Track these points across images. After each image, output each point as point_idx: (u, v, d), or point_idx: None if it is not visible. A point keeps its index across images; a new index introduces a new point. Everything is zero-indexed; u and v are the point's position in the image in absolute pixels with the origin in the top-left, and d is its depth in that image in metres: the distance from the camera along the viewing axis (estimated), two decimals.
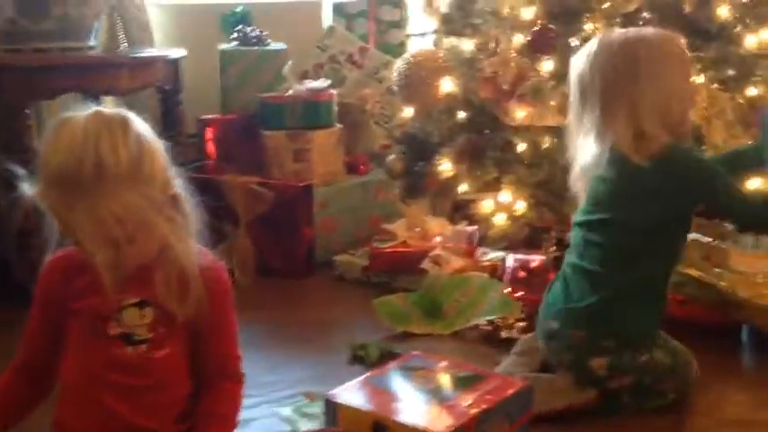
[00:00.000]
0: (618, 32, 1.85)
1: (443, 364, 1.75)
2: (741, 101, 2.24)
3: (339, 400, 1.62)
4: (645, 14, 2.29)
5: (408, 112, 2.74)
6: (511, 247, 2.57)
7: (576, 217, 1.85)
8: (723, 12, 2.25)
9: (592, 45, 1.80)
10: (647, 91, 1.73)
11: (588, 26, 2.21)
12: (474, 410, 1.54)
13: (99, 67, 2.58)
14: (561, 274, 1.86)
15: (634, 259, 1.75)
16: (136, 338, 1.31)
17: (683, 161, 1.76)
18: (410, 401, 1.60)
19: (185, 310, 1.31)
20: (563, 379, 1.79)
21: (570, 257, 1.85)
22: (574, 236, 1.85)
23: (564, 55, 2.18)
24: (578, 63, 1.81)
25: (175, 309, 1.31)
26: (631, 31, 1.86)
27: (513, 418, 1.60)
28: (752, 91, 2.27)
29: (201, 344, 1.37)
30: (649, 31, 1.87)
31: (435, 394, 1.62)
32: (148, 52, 2.78)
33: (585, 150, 1.80)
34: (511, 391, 1.61)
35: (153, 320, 1.32)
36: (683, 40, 1.83)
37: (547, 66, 2.25)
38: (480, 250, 2.64)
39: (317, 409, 1.74)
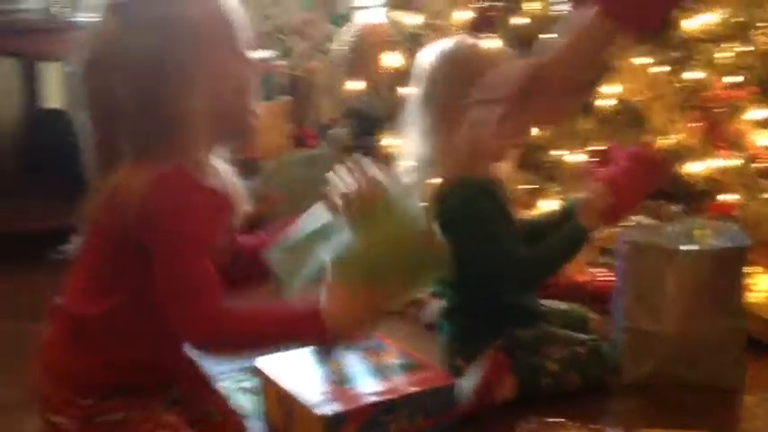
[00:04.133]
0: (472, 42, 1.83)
1: (392, 349, 1.74)
2: (679, 84, 2.25)
3: (263, 369, 1.66)
4: None
5: (353, 85, 2.72)
6: None
7: None
8: None
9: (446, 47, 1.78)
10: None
11: (528, 6, 2.20)
12: (373, 398, 1.53)
13: (32, 32, 2.50)
14: None
15: None
16: None
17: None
18: (323, 380, 1.60)
19: None
20: None
21: None
22: None
23: (505, 34, 2.18)
24: (431, 60, 1.78)
25: None
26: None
27: (428, 413, 1.58)
28: (692, 74, 2.28)
29: None
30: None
31: (356, 377, 1.62)
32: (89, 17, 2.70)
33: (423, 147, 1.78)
34: (426, 387, 1.58)
35: None
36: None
37: (489, 43, 2.23)
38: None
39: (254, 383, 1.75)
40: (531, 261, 1.76)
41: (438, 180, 1.79)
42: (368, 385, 1.58)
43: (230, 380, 1.83)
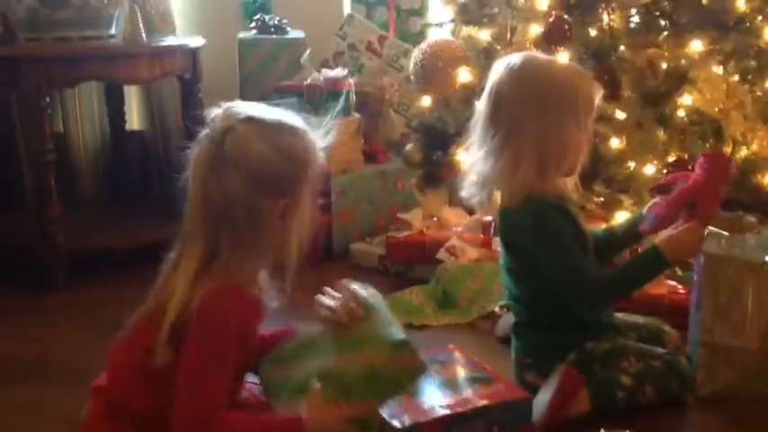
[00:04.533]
0: (541, 59, 1.81)
1: (464, 361, 1.76)
2: (760, 93, 2.21)
3: None
4: (664, 4, 2.27)
5: (426, 101, 2.74)
6: None
7: None
8: (741, 3, 2.21)
9: (516, 63, 1.76)
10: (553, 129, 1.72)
11: (604, 17, 2.19)
12: (446, 412, 1.54)
13: (119, 57, 2.60)
14: None
15: None
16: None
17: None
18: None
19: None
20: None
21: None
22: None
23: (579, 46, 2.17)
24: (501, 75, 1.77)
25: None
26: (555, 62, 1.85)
27: (505, 427, 1.58)
28: None
29: None
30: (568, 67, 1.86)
31: (431, 389, 1.62)
32: (168, 41, 2.79)
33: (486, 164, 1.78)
34: (501, 399, 1.59)
35: None
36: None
37: (562, 57, 2.23)
38: (497, 240, 2.64)
39: None
40: (604, 284, 1.75)
41: (502, 196, 1.80)
42: (440, 398, 1.59)
43: None
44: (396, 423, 1.50)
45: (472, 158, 1.82)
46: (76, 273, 2.56)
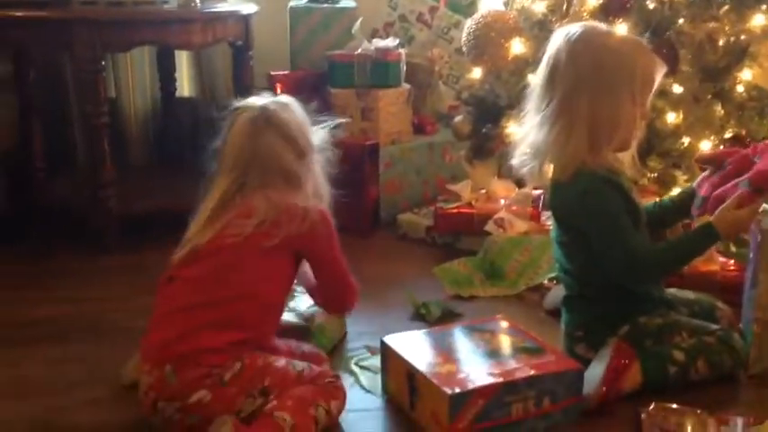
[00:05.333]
0: (600, 30, 1.77)
1: (514, 331, 1.76)
2: None
3: (390, 344, 1.71)
4: None
5: (477, 73, 2.72)
6: None
7: None
8: None
9: (574, 32, 1.74)
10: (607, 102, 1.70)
11: None
12: (497, 380, 1.54)
13: (172, 22, 2.62)
14: None
15: None
16: None
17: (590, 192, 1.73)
18: (449, 359, 1.63)
19: None
20: None
21: None
22: None
23: (639, 17, 2.13)
24: (559, 44, 1.74)
25: None
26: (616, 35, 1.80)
27: (556, 397, 1.58)
28: None
29: None
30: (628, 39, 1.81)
31: (481, 358, 1.64)
32: (221, 7, 2.80)
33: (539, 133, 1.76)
34: (552, 370, 1.59)
35: None
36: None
37: (621, 29, 2.20)
38: (545, 213, 2.63)
39: (377, 362, 1.79)
40: (654, 259, 1.73)
41: (554, 168, 1.78)
42: (492, 366, 1.60)
43: (354, 358, 1.89)
44: (446, 390, 1.51)
45: (526, 128, 1.81)
46: (128, 236, 2.60)
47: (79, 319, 2.13)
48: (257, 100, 1.72)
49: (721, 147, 2.16)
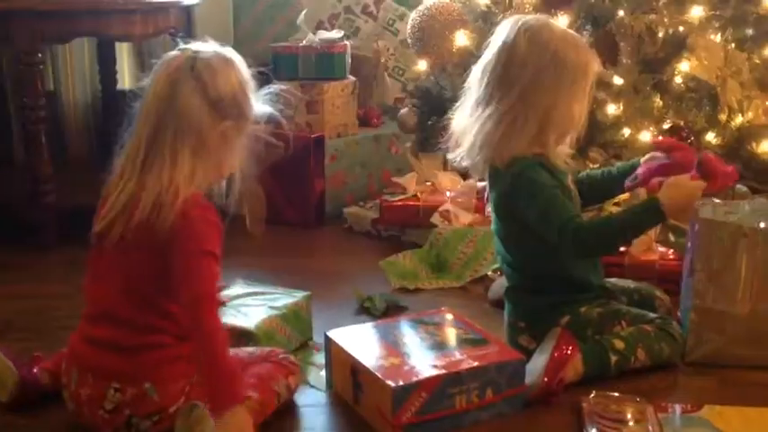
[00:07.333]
0: (557, 28, 1.78)
1: (458, 323, 1.76)
2: (758, 60, 2.20)
3: (334, 339, 1.70)
4: None
5: (422, 65, 2.73)
6: None
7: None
8: None
9: (532, 27, 1.73)
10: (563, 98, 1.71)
11: None
12: (441, 372, 1.54)
13: (112, 12, 2.57)
14: None
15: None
16: None
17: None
18: (392, 353, 1.62)
19: None
20: None
21: None
22: None
23: (580, 9, 2.15)
24: (516, 38, 1.73)
25: None
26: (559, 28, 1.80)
27: (499, 387, 1.59)
28: None
29: None
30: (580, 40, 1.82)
31: (426, 350, 1.64)
32: None
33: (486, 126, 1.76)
34: (495, 361, 1.59)
35: None
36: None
37: (562, 21, 2.22)
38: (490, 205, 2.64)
39: (322, 359, 1.77)
40: (595, 231, 1.70)
41: (494, 158, 1.78)
42: (436, 358, 1.60)
43: (299, 354, 1.88)
44: (390, 383, 1.51)
45: (467, 120, 1.80)
46: (68, 231, 2.55)
47: (19, 316, 2.09)
48: (200, 46, 1.52)
49: (660, 137, 2.19)
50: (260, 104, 1.57)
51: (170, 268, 1.43)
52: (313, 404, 1.68)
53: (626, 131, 2.25)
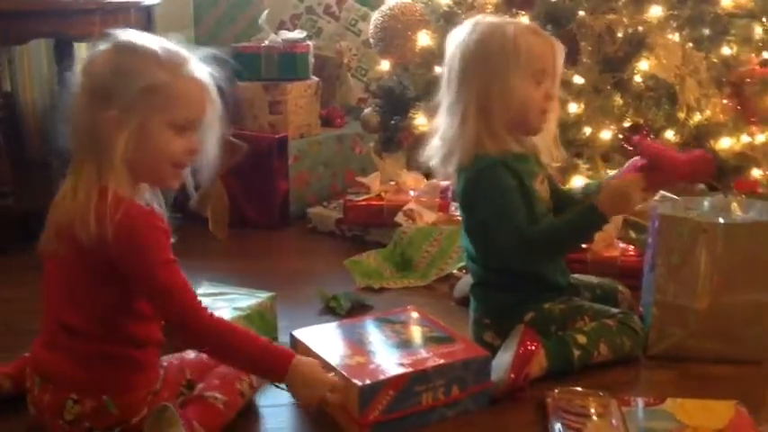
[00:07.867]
0: (493, 19, 1.82)
1: (423, 322, 1.77)
2: (715, 59, 2.24)
3: (300, 338, 1.70)
4: None
5: (385, 65, 2.73)
6: None
7: None
8: None
9: (468, 24, 1.79)
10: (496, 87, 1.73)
11: None
12: (407, 370, 1.55)
13: (71, 13, 2.53)
14: None
15: None
16: None
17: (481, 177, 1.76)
18: (358, 351, 1.63)
19: None
20: None
21: None
22: None
23: (541, 9, 2.17)
24: (457, 39, 1.79)
25: None
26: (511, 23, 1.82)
27: (465, 384, 1.60)
28: (726, 50, 2.27)
29: None
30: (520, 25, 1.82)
31: (392, 349, 1.64)
32: None
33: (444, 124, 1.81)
34: (461, 358, 1.60)
35: None
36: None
37: (523, 21, 2.24)
38: (454, 205, 2.65)
39: None
40: (541, 238, 1.75)
41: (459, 156, 1.80)
42: (402, 356, 1.60)
43: None
44: (357, 381, 1.51)
45: (436, 120, 1.84)
46: (28, 234, 2.50)
47: None
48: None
49: (620, 136, 2.22)
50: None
51: (131, 286, 1.40)
52: (278, 404, 1.67)
53: (587, 130, 2.27)
